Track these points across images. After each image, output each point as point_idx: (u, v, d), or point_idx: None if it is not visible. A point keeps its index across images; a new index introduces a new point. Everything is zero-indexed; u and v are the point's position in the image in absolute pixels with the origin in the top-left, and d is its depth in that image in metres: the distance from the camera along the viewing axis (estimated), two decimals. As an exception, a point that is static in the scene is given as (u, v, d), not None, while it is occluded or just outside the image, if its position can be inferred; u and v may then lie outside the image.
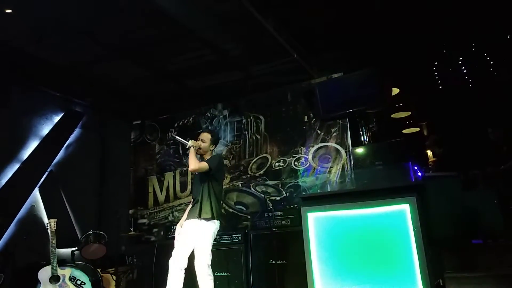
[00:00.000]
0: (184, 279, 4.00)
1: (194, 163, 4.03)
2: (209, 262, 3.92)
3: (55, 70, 5.73)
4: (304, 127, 6.40)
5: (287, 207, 6.06)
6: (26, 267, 5.21)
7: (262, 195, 6.26)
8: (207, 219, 3.99)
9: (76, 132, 6.66)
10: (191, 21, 4.84)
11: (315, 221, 4.24)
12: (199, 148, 4.21)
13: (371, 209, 4.04)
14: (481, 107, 6.83)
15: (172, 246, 4.20)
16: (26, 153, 5.86)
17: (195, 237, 3.98)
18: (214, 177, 4.17)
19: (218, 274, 5.17)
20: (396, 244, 3.88)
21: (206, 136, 4.27)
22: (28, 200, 5.79)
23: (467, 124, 7.12)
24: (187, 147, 4.14)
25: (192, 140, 4.19)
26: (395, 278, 3.80)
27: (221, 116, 7.08)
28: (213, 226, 4.02)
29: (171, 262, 4.01)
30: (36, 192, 5.94)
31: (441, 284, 3.78)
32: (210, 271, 3.90)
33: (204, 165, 4.07)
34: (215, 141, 4.34)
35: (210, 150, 4.28)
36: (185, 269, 4.02)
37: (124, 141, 7.70)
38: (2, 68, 5.46)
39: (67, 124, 6.53)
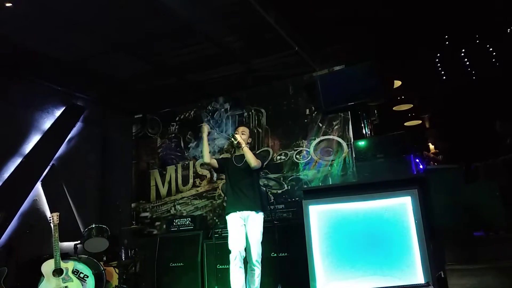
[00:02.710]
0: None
1: (255, 160, 4.33)
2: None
3: (56, 64, 5.73)
4: (305, 120, 6.38)
5: (289, 200, 6.07)
6: (29, 260, 5.24)
7: (264, 188, 6.26)
8: (258, 211, 4.30)
9: (78, 126, 6.65)
10: (191, 14, 4.82)
11: (317, 214, 4.25)
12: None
13: (373, 201, 4.04)
14: (484, 99, 6.81)
15: (174, 239, 4.25)
16: (28, 147, 5.87)
17: (250, 229, 4.24)
18: (259, 172, 4.59)
19: (220, 267, 5.20)
20: (398, 236, 3.89)
21: (245, 130, 4.53)
22: (30, 194, 5.81)
23: (469, 116, 7.11)
24: (236, 142, 4.37)
25: (238, 135, 4.41)
26: (396, 271, 3.81)
27: (223, 110, 7.07)
28: (262, 217, 4.36)
29: (235, 253, 4.16)
30: (38, 186, 5.95)
31: (443, 276, 3.79)
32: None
33: (259, 162, 4.39)
34: (252, 135, 4.71)
35: (248, 143, 4.50)
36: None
37: (126, 135, 7.71)
38: (2, 62, 5.45)
39: (69, 118, 6.52)
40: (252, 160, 4.30)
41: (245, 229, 4.28)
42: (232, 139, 4.43)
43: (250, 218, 4.26)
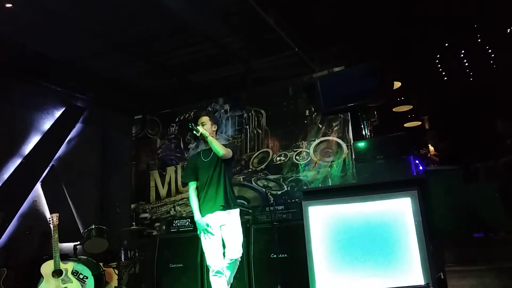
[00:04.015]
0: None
1: (223, 148, 3.97)
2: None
3: (55, 65, 5.73)
4: (305, 121, 6.38)
5: (289, 201, 6.07)
6: (29, 261, 5.24)
7: (264, 190, 6.25)
8: (234, 207, 4.03)
9: (78, 127, 6.65)
10: (191, 15, 4.82)
11: (316, 215, 4.25)
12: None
13: (373, 203, 4.04)
14: (484, 100, 6.82)
15: (174, 240, 4.20)
16: (28, 148, 5.86)
17: (227, 228, 3.96)
18: (231, 164, 4.20)
19: (220, 268, 5.18)
20: (398, 237, 3.89)
21: (205, 119, 4.19)
22: (30, 195, 5.80)
23: (469, 117, 7.11)
24: (198, 134, 4.00)
25: (199, 127, 4.06)
26: (396, 272, 3.81)
27: (222, 111, 7.07)
28: (238, 212, 4.09)
29: (213, 263, 3.91)
30: (38, 187, 5.94)
31: (442, 277, 3.79)
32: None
33: (229, 151, 4.03)
34: (215, 121, 4.29)
35: (213, 131, 4.20)
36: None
37: (126, 136, 7.71)
38: (2, 62, 5.45)
39: (69, 118, 6.52)
40: (219, 148, 3.93)
41: (220, 231, 3.97)
42: (194, 132, 3.99)
43: (226, 217, 3.97)
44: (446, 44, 6.02)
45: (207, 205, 4.01)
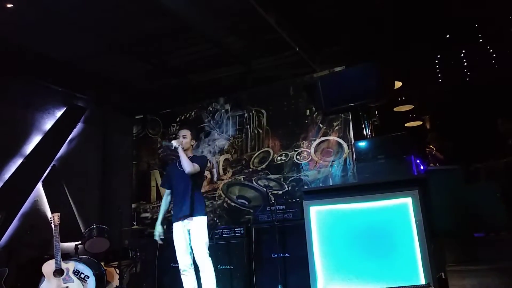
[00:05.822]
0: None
1: (190, 166, 4.18)
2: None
3: (56, 65, 5.74)
4: (306, 121, 6.38)
5: (289, 201, 6.06)
6: (30, 261, 5.24)
7: (264, 189, 6.25)
8: (197, 215, 4.20)
9: (79, 126, 6.66)
10: (192, 14, 4.82)
11: (317, 214, 4.24)
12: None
13: (374, 202, 4.04)
14: (485, 99, 6.81)
15: (173, 240, 4.24)
16: (29, 148, 5.87)
17: (192, 233, 4.19)
18: (200, 175, 4.40)
19: (221, 267, 5.19)
20: (399, 237, 3.88)
21: (186, 133, 4.41)
22: (31, 195, 5.81)
23: (470, 117, 7.11)
24: (173, 148, 4.25)
25: (175, 140, 4.30)
26: (397, 272, 3.81)
27: (223, 110, 7.07)
28: (204, 220, 4.27)
29: (182, 267, 4.24)
30: (39, 187, 5.96)
31: (443, 277, 3.78)
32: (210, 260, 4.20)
33: (197, 167, 4.25)
34: (195, 136, 4.58)
35: (191, 145, 4.45)
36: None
37: (127, 136, 7.72)
38: (3, 62, 5.46)
39: (70, 118, 6.53)
40: (187, 165, 4.15)
41: (188, 235, 4.22)
42: (169, 145, 4.27)
43: (192, 224, 4.20)
44: (448, 43, 6.01)
45: (175, 211, 4.31)
